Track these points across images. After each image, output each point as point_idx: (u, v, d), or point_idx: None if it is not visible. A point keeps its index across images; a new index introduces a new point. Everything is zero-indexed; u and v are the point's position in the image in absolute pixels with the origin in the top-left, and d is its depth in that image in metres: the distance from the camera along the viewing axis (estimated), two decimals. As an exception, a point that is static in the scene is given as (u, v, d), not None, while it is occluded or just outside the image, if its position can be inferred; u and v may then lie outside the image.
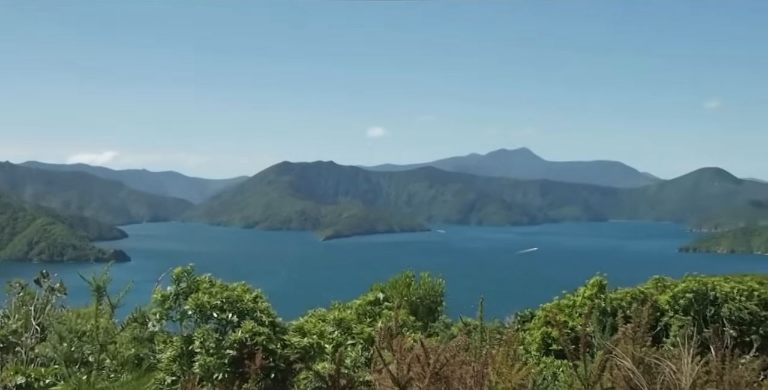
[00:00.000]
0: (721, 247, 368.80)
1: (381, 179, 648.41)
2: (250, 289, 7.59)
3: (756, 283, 11.12)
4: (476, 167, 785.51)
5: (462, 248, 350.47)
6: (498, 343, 5.58)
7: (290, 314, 10.05)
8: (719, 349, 5.13)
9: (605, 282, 12.09)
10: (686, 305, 10.77)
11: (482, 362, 5.17)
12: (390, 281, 14.89)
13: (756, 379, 5.03)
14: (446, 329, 11.29)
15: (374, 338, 7.34)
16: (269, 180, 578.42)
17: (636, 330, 5.06)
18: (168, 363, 7.08)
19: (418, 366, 5.19)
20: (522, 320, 14.59)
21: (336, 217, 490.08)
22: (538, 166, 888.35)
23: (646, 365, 4.99)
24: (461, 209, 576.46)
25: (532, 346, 11.45)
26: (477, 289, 54.98)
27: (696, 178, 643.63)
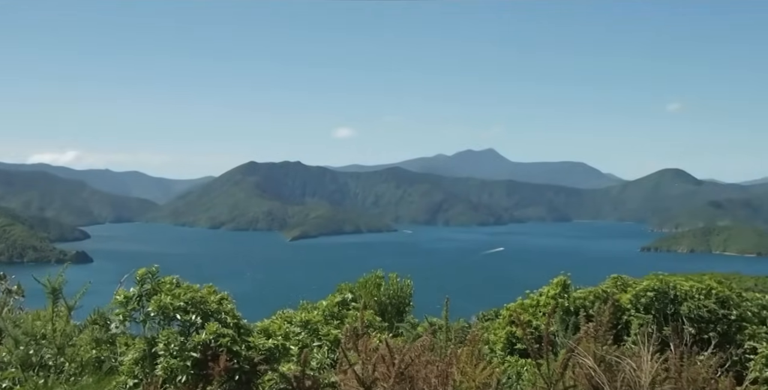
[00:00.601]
0: (681, 247, 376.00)
1: (348, 180, 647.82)
2: (216, 291, 7.52)
3: (714, 282, 11.35)
4: (443, 168, 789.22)
5: (429, 248, 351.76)
6: (463, 343, 5.62)
7: (257, 316, 10.00)
8: (678, 347, 5.23)
9: (569, 281, 12.22)
10: (647, 304, 10.96)
11: (447, 362, 5.19)
12: (360, 282, 14.89)
13: (713, 376, 5.13)
14: (412, 329, 11.31)
15: (340, 339, 7.34)
16: (236, 180, 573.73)
17: (597, 329, 5.13)
18: (130, 365, 6.97)
19: (383, 366, 5.19)
20: (487, 320, 14.70)
21: (303, 217, 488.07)
22: (504, 166, 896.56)
23: (608, 363, 5.06)
24: (428, 210, 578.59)
25: (497, 345, 11.53)
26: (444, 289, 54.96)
27: (657, 179, 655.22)
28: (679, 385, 4.95)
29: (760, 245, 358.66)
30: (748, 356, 9.84)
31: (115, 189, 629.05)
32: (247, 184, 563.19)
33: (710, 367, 5.21)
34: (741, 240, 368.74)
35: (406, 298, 14.56)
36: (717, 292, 10.91)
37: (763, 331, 10.32)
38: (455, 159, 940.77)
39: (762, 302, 11.27)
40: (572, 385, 5.04)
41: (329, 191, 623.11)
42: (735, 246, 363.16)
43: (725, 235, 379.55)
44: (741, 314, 10.63)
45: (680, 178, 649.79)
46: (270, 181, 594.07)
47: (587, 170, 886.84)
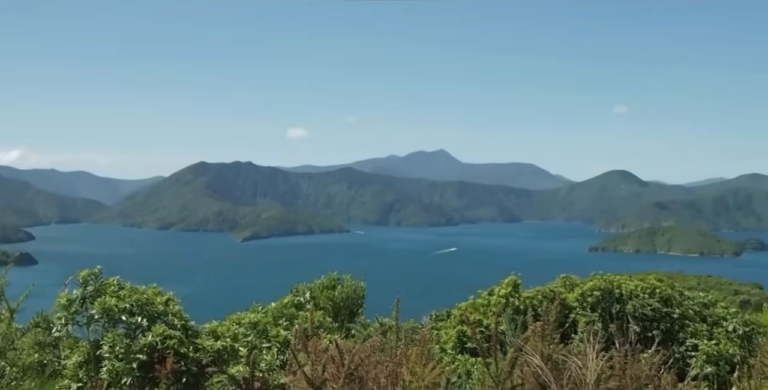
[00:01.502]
0: (627, 247, 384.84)
1: (300, 180, 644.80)
2: (162, 292, 7.39)
3: (657, 281, 11.64)
4: (395, 169, 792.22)
5: (381, 249, 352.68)
6: (413, 343, 5.63)
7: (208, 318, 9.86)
8: (623, 345, 5.33)
9: (519, 281, 12.38)
10: (594, 303, 11.17)
11: (397, 362, 5.19)
12: (317, 283, 14.85)
13: (656, 373, 5.24)
14: (363, 330, 11.31)
15: (290, 341, 7.29)
16: (185, 180, 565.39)
17: (545, 327, 5.19)
18: (74, 369, 6.80)
19: (333, 367, 5.17)
20: (438, 319, 14.79)
21: (254, 218, 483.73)
22: (455, 167, 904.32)
23: (554, 362, 5.13)
24: (380, 210, 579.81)
25: (448, 344, 11.60)
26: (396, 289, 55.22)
27: (604, 180, 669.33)
28: (623, 382, 5.05)
29: (702, 245, 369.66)
30: (690, 353, 10.13)
31: (60, 189, 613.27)
32: (197, 184, 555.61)
33: (653, 365, 5.33)
34: (684, 240, 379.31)
35: (360, 299, 14.57)
36: (660, 291, 11.20)
37: (704, 329, 10.62)
38: (407, 160, 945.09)
39: (703, 301, 11.60)
40: (520, 384, 5.09)
41: (281, 192, 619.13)
42: (678, 246, 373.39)
43: (669, 236, 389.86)
44: (683, 312, 10.92)
45: (626, 179, 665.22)
46: (221, 181, 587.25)
47: (536, 171, 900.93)
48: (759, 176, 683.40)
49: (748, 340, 10.37)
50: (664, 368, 5.48)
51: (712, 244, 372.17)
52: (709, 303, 11.63)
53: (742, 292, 70.42)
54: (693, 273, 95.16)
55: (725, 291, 63.19)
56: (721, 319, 11.05)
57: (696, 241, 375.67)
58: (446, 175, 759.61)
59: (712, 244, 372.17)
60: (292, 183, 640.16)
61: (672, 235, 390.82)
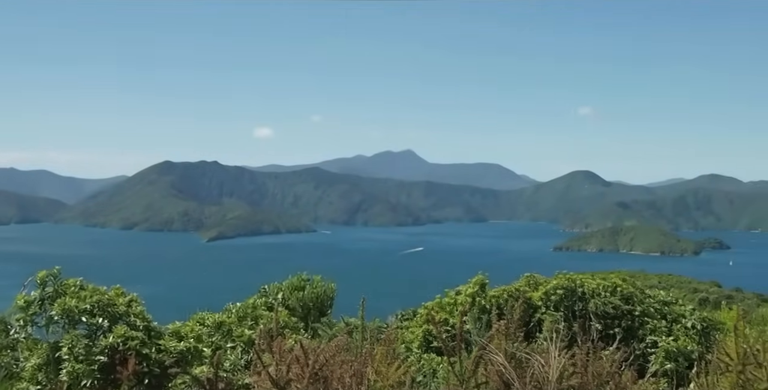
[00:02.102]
0: (591, 246, 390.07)
1: (267, 180, 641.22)
2: (125, 293, 7.29)
3: (619, 280, 11.84)
4: (362, 168, 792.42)
5: (348, 249, 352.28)
6: (378, 342, 5.64)
7: (172, 319, 9.75)
8: (585, 343, 5.40)
9: (486, 281, 12.47)
10: (557, 301, 11.31)
11: (362, 361, 5.20)
12: (287, 283, 14.79)
13: (616, 370, 5.32)
14: (329, 329, 11.29)
15: (255, 341, 7.24)
16: (150, 180, 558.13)
17: (508, 326, 5.24)
18: (32, 371, 6.67)
19: (297, 367, 5.15)
20: (404, 319, 14.83)
21: (220, 218, 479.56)
22: (422, 167, 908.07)
23: (518, 360, 5.17)
24: (347, 210, 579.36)
25: (414, 343, 11.64)
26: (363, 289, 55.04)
27: (568, 180, 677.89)
28: (585, 379, 5.11)
29: (663, 244, 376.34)
30: (650, 350, 10.31)
31: (20, 188, 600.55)
32: (161, 183, 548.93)
33: (614, 362, 5.40)
34: (646, 239, 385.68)
35: (330, 300, 14.57)
36: (622, 289, 11.39)
37: (663, 326, 10.82)
38: (374, 160, 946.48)
39: (663, 299, 11.82)
40: (484, 382, 5.13)
41: (247, 191, 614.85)
42: (640, 245, 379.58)
43: (631, 235, 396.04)
44: (644, 310, 11.12)
45: (590, 179, 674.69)
46: (186, 180, 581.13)
47: (503, 172, 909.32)
48: (717, 177, 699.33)
49: (705, 337, 10.60)
50: (625, 365, 5.56)
51: (673, 244, 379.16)
52: (669, 301, 11.86)
53: (701, 290, 71.87)
54: (654, 272, 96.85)
55: (685, 289, 64.34)
56: (681, 317, 11.28)
57: (657, 241, 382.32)
58: (413, 175, 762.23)
59: (673, 244, 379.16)
60: (259, 182, 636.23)
61: (634, 234, 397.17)
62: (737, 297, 68.11)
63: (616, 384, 5.28)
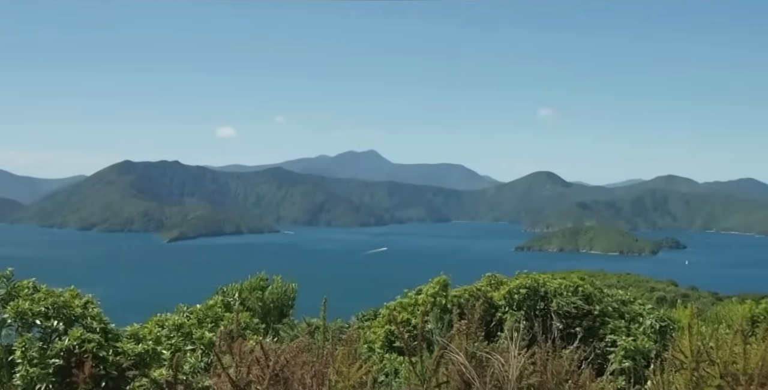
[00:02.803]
0: (551, 246, 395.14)
1: (229, 180, 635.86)
2: (81, 295, 7.14)
3: (580, 279, 12.01)
4: (325, 168, 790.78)
5: (312, 249, 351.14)
6: (340, 343, 5.63)
7: (131, 320, 9.58)
8: (546, 342, 5.46)
9: (448, 281, 12.54)
10: (519, 301, 11.43)
11: (323, 362, 5.18)
12: (245, 284, 14.65)
13: (576, 369, 5.39)
14: (290, 330, 11.23)
15: (215, 343, 7.16)
16: (109, 180, 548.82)
17: (469, 326, 5.27)
18: (-16, 376, 6.50)
19: (258, 368, 5.11)
20: (367, 319, 14.84)
21: (181, 218, 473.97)
22: (385, 168, 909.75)
23: (478, 359, 5.21)
24: (310, 210, 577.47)
25: (376, 343, 11.65)
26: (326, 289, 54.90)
27: (530, 181, 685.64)
28: (544, 378, 5.17)
29: (622, 244, 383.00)
30: (609, 349, 10.48)
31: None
32: (121, 183, 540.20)
33: (574, 360, 5.47)
34: (605, 239, 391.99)
35: (290, 300, 14.48)
36: (582, 289, 11.55)
37: (622, 325, 11.01)
38: (337, 160, 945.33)
39: (622, 298, 12.03)
40: (445, 382, 5.15)
41: (209, 191, 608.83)
42: (600, 245, 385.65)
43: (591, 235, 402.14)
44: (603, 309, 11.30)
45: (551, 180, 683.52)
46: (146, 180, 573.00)
47: (465, 172, 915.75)
48: (674, 178, 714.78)
49: (662, 335, 10.81)
50: (585, 364, 5.63)
51: (631, 243, 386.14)
52: (628, 300, 12.07)
53: (658, 289, 73.48)
54: (613, 271, 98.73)
55: (643, 288, 65.69)
56: (639, 316, 11.49)
57: (616, 241, 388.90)
58: (376, 175, 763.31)
59: (631, 243, 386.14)
60: (221, 182, 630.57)
61: (594, 234, 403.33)
62: (693, 295, 69.80)
63: (575, 382, 5.35)
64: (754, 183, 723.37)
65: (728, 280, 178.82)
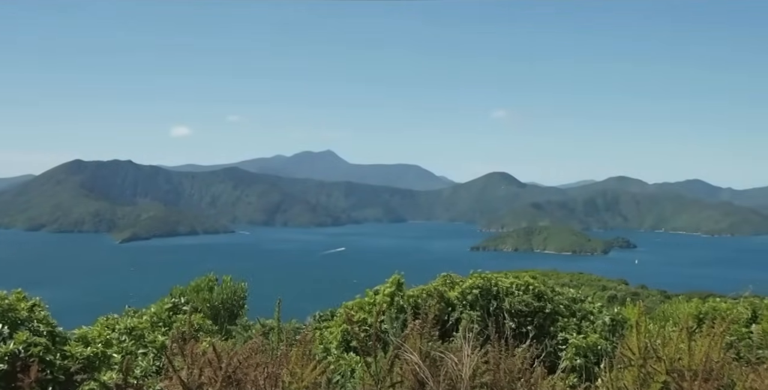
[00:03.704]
0: (506, 246, 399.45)
1: (183, 180, 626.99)
2: (27, 297, 6.96)
3: (531, 278, 12.18)
4: (281, 169, 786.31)
5: (268, 250, 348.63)
6: (295, 343, 5.60)
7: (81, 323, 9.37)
8: (499, 340, 5.51)
9: (403, 280, 12.57)
10: (473, 300, 11.52)
11: (277, 363, 5.15)
12: (191, 285, 14.43)
13: (528, 367, 5.46)
14: (244, 332, 11.13)
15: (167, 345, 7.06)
16: (58, 179, 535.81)
17: (423, 325, 5.30)
18: (-75, 382, 6.29)
19: (210, 370, 5.05)
20: (322, 319, 14.79)
21: (134, 218, 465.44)
22: (342, 168, 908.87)
23: (432, 359, 5.24)
24: (266, 210, 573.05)
25: (333, 343, 11.62)
26: (283, 290, 54.66)
27: (485, 181, 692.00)
28: (497, 376, 5.23)
29: (574, 244, 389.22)
30: (561, 347, 10.64)
31: None
32: (71, 183, 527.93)
33: (526, 359, 5.54)
34: (558, 239, 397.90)
35: (241, 300, 14.32)
36: (534, 287, 11.72)
37: (573, 323, 11.20)
38: (294, 160, 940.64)
39: (573, 296, 12.23)
40: (399, 381, 5.17)
41: (163, 191, 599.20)
42: (553, 245, 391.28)
43: (545, 235, 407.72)
44: (555, 308, 11.47)
45: (506, 181, 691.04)
46: (97, 180, 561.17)
47: (422, 173, 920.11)
48: (625, 179, 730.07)
49: (612, 333, 11.02)
50: (537, 362, 5.71)
51: (584, 243, 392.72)
52: (579, 298, 12.27)
53: (609, 287, 74.93)
54: (566, 270, 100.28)
55: (595, 287, 66.90)
56: (589, 314, 11.69)
57: (569, 240, 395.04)
58: (333, 175, 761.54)
59: (584, 243, 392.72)
60: (175, 182, 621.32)
61: (547, 234, 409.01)
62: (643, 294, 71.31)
63: (527, 380, 5.43)
64: (701, 184, 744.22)
65: (676, 279, 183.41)
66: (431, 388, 5.01)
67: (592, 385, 6.43)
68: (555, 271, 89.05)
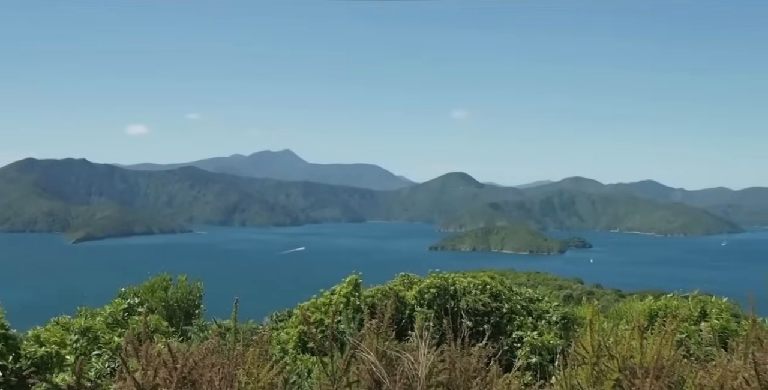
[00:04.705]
0: (464, 246, 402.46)
1: (139, 179, 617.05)
2: (-24, 299, 6.79)
3: (488, 278, 12.31)
4: (239, 168, 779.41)
5: (226, 250, 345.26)
6: (251, 344, 5.57)
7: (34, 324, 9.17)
8: (455, 339, 5.56)
9: (360, 280, 12.59)
10: (430, 299, 11.60)
11: (233, 363, 5.11)
12: (145, 285, 14.21)
13: (484, 365, 5.52)
14: (201, 332, 11.02)
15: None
16: (10, 178, 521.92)
17: (379, 325, 5.32)
18: None
19: (165, 371, 5.00)
20: (280, 319, 14.73)
21: (89, 218, 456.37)
22: (301, 168, 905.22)
23: (389, 358, 5.26)
24: (224, 210, 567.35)
25: (289, 344, 11.59)
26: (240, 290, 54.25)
27: (444, 181, 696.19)
28: (453, 375, 5.27)
29: (531, 244, 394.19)
30: (516, 345, 10.79)
31: None
32: (23, 182, 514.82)
33: (482, 357, 5.59)
34: (516, 239, 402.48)
35: (196, 300, 14.16)
36: (491, 287, 11.85)
37: (529, 322, 11.36)
38: (252, 159, 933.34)
39: (530, 296, 12.41)
40: (355, 381, 5.18)
41: (118, 190, 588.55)
42: (510, 244, 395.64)
43: (502, 235, 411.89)
44: (511, 307, 11.62)
45: (464, 181, 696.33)
46: (51, 179, 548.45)
47: (381, 172, 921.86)
48: (581, 179, 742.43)
49: (566, 331, 11.21)
50: (493, 360, 5.76)
51: (540, 243, 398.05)
52: (535, 298, 12.45)
53: (565, 287, 76.11)
54: (523, 270, 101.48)
55: (551, 286, 67.87)
56: (545, 313, 11.87)
57: (526, 240, 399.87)
58: (292, 175, 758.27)
59: (540, 243, 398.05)
60: (131, 181, 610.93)
61: (505, 234, 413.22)
62: (598, 293, 72.61)
63: (483, 379, 5.48)
64: (654, 184, 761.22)
65: (630, 278, 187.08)
66: (387, 387, 5.03)
67: (546, 382, 6.52)
68: (512, 271, 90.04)
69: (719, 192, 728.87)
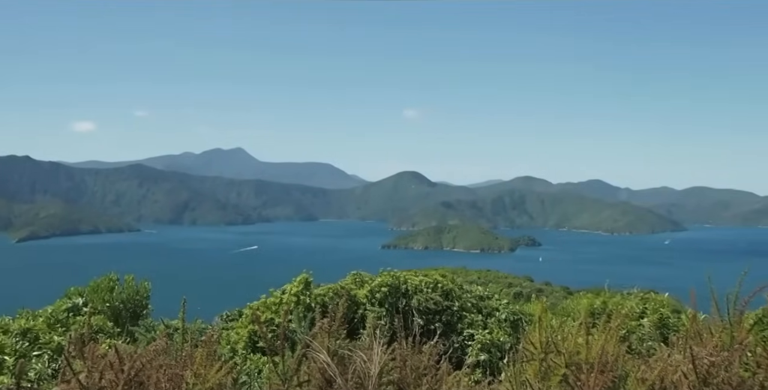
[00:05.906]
0: (417, 244, 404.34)
1: (86, 176, 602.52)
2: None
3: (440, 276, 12.39)
4: (190, 166, 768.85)
5: (175, 249, 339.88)
6: (200, 344, 5.49)
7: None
8: (407, 338, 5.58)
9: (311, 279, 12.54)
10: (382, 298, 11.62)
11: (181, 364, 5.03)
12: (90, 285, 13.88)
13: (434, 363, 5.55)
14: (147, 333, 10.82)
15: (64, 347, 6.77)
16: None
17: (331, 324, 5.31)
18: None
19: (111, 373, 4.89)
20: (230, 319, 14.56)
21: (32, 216, 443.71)
22: (252, 166, 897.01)
23: (340, 357, 5.25)
24: (174, 209, 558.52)
25: (239, 344, 11.47)
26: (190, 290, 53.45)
27: (396, 180, 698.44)
28: (404, 373, 5.29)
29: (483, 242, 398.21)
30: (467, 343, 10.88)
31: None
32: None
33: (433, 355, 5.63)
34: (467, 237, 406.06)
35: (143, 301, 13.89)
36: (442, 285, 11.93)
37: (479, 320, 11.47)
38: (203, 157, 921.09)
39: (480, 294, 12.53)
40: (306, 380, 5.15)
41: (64, 189, 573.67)
42: (462, 243, 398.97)
43: (454, 233, 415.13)
44: (462, 305, 11.72)
45: (417, 180, 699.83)
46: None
47: (333, 171, 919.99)
48: (531, 179, 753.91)
49: (515, 329, 11.37)
50: (444, 358, 5.80)
51: (491, 241, 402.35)
52: (485, 296, 12.58)
53: (515, 284, 77.09)
54: (474, 268, 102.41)
55: (501, 284, 68.64)
56: (495, 310, 12.01)
57: (477, 239, 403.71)
58: (244, 173, 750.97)
59: (491, 241, 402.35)
60: (77, 179, 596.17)
61: (457, 232, 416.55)
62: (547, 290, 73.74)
63: (433, 376, 5.52)
64: (602, 184, 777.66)
65: (578, 275, 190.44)
66: (339, 386, 5.01)
67: (496, 379, 6.59)
68: (464, 269, 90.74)
69: (663, 191, 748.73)
